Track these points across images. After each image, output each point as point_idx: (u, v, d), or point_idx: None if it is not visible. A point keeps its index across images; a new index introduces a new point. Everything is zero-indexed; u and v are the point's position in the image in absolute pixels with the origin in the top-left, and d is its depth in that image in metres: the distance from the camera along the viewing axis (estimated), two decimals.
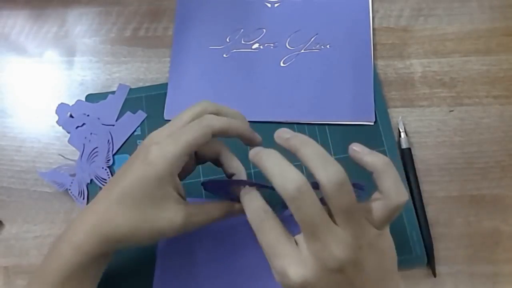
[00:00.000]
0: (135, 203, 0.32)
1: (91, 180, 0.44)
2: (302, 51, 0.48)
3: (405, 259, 0.40)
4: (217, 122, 0.34)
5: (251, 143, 0.36)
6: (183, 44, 0.50)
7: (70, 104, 0.48)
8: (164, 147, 0.33)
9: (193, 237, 0.41)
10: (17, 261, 0.43)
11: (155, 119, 0.47)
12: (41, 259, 0.43)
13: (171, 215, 0.33)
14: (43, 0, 0.53)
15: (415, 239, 0.41)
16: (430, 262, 0.40)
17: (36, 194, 0.45)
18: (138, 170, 0.33)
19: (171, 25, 0.51)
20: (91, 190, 0.44)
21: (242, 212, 0.33)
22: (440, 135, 0.45)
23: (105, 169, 0.45)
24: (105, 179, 0.44)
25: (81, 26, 0.52)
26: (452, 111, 0.46)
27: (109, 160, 0.45)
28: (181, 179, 0.35)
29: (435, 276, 0.40)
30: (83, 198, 0.44)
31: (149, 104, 0.48)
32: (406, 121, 0.46)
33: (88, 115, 0.47)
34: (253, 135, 0.36)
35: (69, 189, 0.44)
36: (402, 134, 0.44)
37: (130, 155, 0.45)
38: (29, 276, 0.43)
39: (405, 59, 0.48)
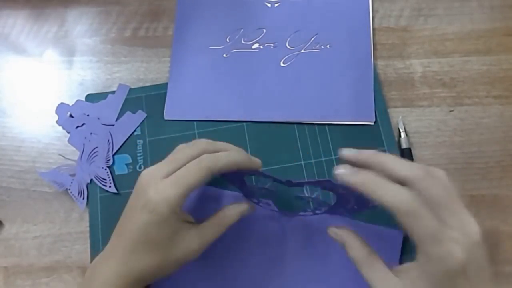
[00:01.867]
0: (151, 247, 0.33)
1: (91, 180, 0.44)
2: (302, 51, 0.48)
3: (405, 260, 0.40)
4: (217, 163, 0.34)
5: (252, 169, 0.37)
6: (183, 44, 0.50)
7: (70, 104, 0.48)
8: (164, 191, 0.33)
9: None
10: (17, 261, 0.43)
11: (155, 119, 0.47)
12: (41, 259, 0.43)
13: (186, 244, 0.34)
14: (43, 0, 0.53)
15: None
16: None
17: (36, 194, 0.45)
18: (143, 219, 0.33)
19: (171, 25, 0.51)
20: (91, 190, 0.44)
21: (252, 210, 0.37)
22: (440, 135, 0.45)
23: (105, 169, 0.45)
24: (105, 179, 0.44)
25: (81, 26, 0.52)
26: (452, 111, 0.46)
27: (109, 160, 0.45)
28: None
29: None
30: (83, 198, 0.44)
31: (149, 104, 0.48)
32: (406, 121, 0.46)
33: (88, 115, 0.47)
34: (252, 163, 0.36)
35: (69, 189, 0.44)
36: (402, 134, 0.44)
37: (130, 155, 0.46)
38: (33, 276, 0.43)
39: (405, 59, 0.48)
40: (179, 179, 0.33)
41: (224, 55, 0.49)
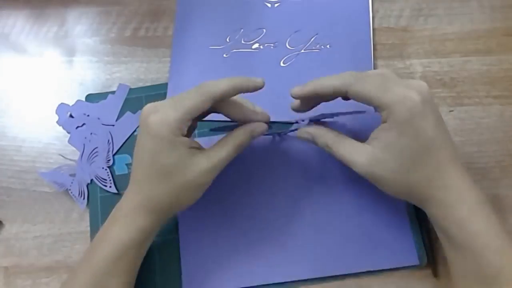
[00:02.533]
0: (161, 174, 0.34)
1: (91, 180, 0.44)
2: (302, 51, 0.48)
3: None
4: (217, 86, 0.35)
5: (256, 89, 0.37)
6: (183, 44, 0.50)
7: (70, 104, 0.48)
8: (163, 113, 0.34)
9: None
10: (17, 261, 0.43)
11: None
12: (41, 259, 0.43)
13: (195, 166, 0.35)
14: (43, 0, 0.54)
15: (415, 239, 0.41)
16: (431, 262, 0.40)
17: (36, 194, 0.45)
18: (148, 146, 0.34)
19: (171, 25, 0.51)
20: (91, 190, 0.44)
21: (262, 129, 0.38)
22: None
23: (105, 169, 0.45)
24: (105, 179, 0.44)
25: (81, 26, 0.52)
26: (452, 111, 0.46)
27: (109, 160, 0.45)
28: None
29: (436, 276, 0.40)
30: (83, 198, 0.44)
31: None
32: None
33: (88, 115, 0.47)
34: (254, 83, 0.37)
35: (69, 189, 0.44)
36: None
37: (130, 155, 0.46)
38: (33, 276, 0.43)
39: (405, 59, 0.48)
40: (178, 101, 0.34)
41: (224, 55, 0.49)
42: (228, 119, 0.39)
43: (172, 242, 0.42)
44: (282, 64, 0.48)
